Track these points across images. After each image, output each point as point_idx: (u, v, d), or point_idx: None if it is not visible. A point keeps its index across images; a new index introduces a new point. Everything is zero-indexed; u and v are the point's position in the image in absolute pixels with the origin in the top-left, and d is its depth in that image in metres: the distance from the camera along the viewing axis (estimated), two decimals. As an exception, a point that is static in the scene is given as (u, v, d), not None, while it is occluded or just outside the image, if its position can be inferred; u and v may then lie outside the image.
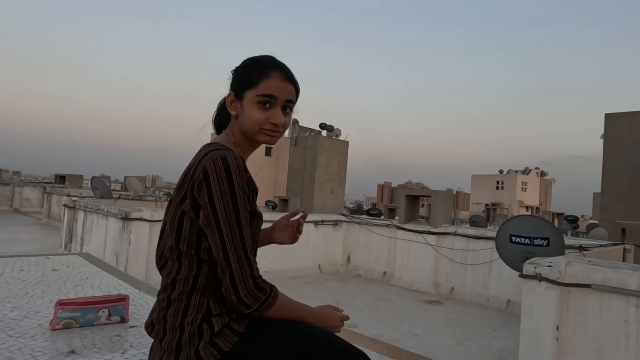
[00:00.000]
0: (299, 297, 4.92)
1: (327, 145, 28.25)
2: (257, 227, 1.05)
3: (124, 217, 5.48)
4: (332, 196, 28.49)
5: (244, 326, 1.00)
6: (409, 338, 4.44)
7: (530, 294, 3.11)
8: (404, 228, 7.33)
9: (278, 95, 1.08)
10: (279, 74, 1.09)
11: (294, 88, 1.11)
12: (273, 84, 1.07)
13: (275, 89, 1.07)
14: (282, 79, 1.09)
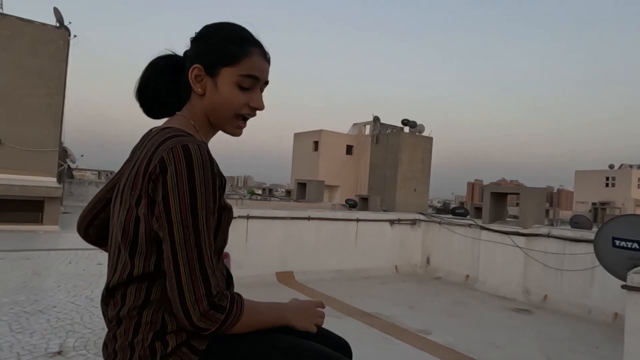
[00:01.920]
0: (372, 299, 4.74)
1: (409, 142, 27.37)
2: (227, 222, 0.91)
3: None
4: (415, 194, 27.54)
5: (205, 343, 0.85)
6: (489, 350, 4.01)
7: (637, 309, 2.58)
8: (489, 228, 6.73)
9: (260, 77, 0.93)
10: (260, 51, 0.93)
11: (268, 67, 0.96)
12: (257, 63, 0.92)
13: (258, 69, 0.92)
14: (262, 56, 0.94)
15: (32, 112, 12.61)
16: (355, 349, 3.45)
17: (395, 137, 24.77)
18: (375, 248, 7.36)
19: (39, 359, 0.84)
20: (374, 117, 27.06)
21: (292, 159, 28.71)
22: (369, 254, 7.25)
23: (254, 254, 6.07)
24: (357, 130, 28.23)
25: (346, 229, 7.04)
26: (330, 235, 6.86)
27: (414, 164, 24.72)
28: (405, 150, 24.36)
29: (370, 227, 7.33)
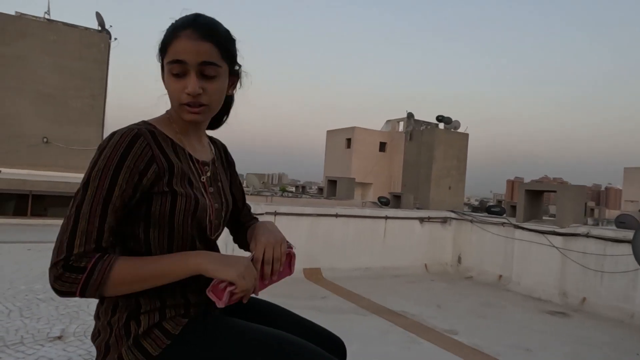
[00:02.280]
0: (399, 297, 4.71)
1: (444, 138, 26.82)
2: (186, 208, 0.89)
3: (230, 210, 5.86)
4: (450, 192, 26.98)
5: (180, 328, 0.87)
6: (518, 353, 3.86)
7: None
8: (523, 227, 6.48)
9: (188, 59, 0.88)
10: (190, 32, 0.88)
11: (212, 45, 0.89)
12: (181, 46, 0.88)
13: (183, 52, 0.87)
14: (193, 38, 0.88)
15: (76, 113, 13.28)
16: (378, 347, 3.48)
17: (430, 133, 24.28)
18: (405, 246, 7.26)
19: (40, 342, 0.89)
20: (408, 114, 26.66)
21: (325, 156, 28.76)
22: (398, 252, 7.16)
23: (281, 250, 6.13)
24: (390, 127, 27.91)
25: (374, 226, 6.98)
26: (358, 233, 6.83)
27: (448, 161, 24.16)
28: (439, 147, 23.85)
29: (399, 225, 7.23)
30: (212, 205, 0.97)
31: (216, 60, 0.91)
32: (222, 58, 0.92)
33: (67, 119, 13.13)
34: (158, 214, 0.87)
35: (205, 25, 0.90)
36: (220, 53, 0.92)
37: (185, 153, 0.95)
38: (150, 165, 0.86)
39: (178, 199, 0.89)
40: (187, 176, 0.91)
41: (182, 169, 0.91)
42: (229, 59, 0.95)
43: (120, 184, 0.82)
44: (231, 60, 0.96)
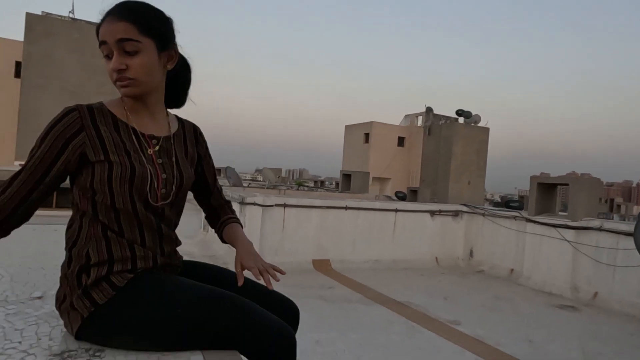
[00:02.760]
0: (407, 289, 4.83)
1: (463, 133, 26.47)
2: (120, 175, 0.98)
3: (241, 201, 6.00)
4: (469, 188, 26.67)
5: (125, 281, 0.96)
6: (521, 344, 3.86)
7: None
8: (535, 221, 6.40)
9: (108, 39, 0.96)
10: (110, 17, 0.97)
11: (128, 23, 0.96)
12: (103, 29, 0.97)
13: (103, 35, 0.97)
14: (111, 21, 0.97)
15: (99, 109, 13.71)
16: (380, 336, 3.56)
17: (449, 128, 23.89)
18: (415, 239, 7.27)
19: (22, 301, 0.99)
20: (427, 108, 26.37)
21: (343, 151, 28.75)
22: (408, 245, 7.18)
23: (290, 241, 6.24)
24: (409, 122, 27.67)
25: (384, 219, 7.01)
26: (368, 225, 6.87)
27: (468, 156, 23.74)
28: (458, 141, 23.44)
29: (409, 218, 7.24)
30: (159, 174, 1.05)
31: (133, 36, 0.97)
32: (141, 33, 0.98)
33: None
34: (99, 180, 0.97)
35: (124, 8, 0.99)
36: (138, 29, 0.98)
37: (128, 128, 1.04)
38: (79, 133, 0.97)
39: (114, 166, 0.98)
40: (123, 146, 1.00)
41: (116, 140, 1.00)
42: (153, 35, 1.00)
43: (47, 144, 0.97)
44: (157, 36, 1.01)
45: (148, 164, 1.03)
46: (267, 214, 6.03)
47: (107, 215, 0.99)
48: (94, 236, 0.98)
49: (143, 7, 1.01)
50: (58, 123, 0.96)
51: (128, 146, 1.02)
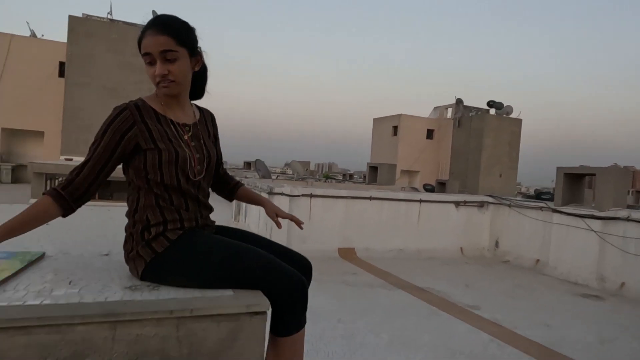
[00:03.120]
0: (429, 276, 5.14)
1: (494, 124, 25.94)
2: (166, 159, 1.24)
3: (269, 191, 6.30)
4: (501, 180, 26.16)
5: (177, 236, 1.22)
6: (537, 328, 3.97)
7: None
8: (561, 211, 6.39)
9: (152, 51, 1.20)
10: (151, 31, 1.20)
11: (168, 36, 1.20)
12: (146, 42, 1.20)
13: (148, 46, 1.20)
14: (153, 35, 1.20)
15: (136, 105, 14.40)
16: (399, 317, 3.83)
17: (479, 119, 23.54)
18: (439, 229, 7.37)
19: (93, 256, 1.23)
20: (457, 100, 25.97)
21: (371, 144, 28.76)
22: (433, 235, 7.30)
23: (316, 230, 6.50)
24: (438, 114, 27.34)
25: (409, 209, 7.15)
26: (393, 215, 7.04)
27: (499, 148, 23.33)
28: (489, 133, 23.07)
29: (434, 209, 7.35)
30: (194, 155, 1.30)
31: (172, 47, 1.21)
32: (178, 44, 1.23)
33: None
34: (151, 163, 1.23)
35: (162, 23, 1.22)
36: (176, 41, 1.22)
37: (167, 119, 1.29)
38: (132, 128, 1.22)
39: (162, 152, 1.24)
40: (166, 135, 1.26)
41: (160, 130, 1.25)
42: (186, 45, 1.25)
43: (107, 137, 1.21)
44: (188, 45, 1.26)
45: (186, 147, 1.29)
46: (294, 204, 6.31)
47: (158, 189, 1.25)
48: (150, 205, 1.25)
49: (177, 21, 1.26)
50: (115, 120, 1.22)
51: (170, 135, 1.27)
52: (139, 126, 1.23)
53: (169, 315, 0.98)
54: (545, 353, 3.40)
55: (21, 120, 15.98)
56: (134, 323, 0.95)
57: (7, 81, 15.74)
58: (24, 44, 16.06)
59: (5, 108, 15.72)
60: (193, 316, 0.99)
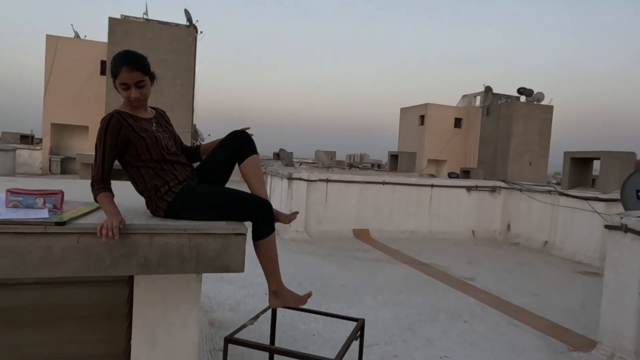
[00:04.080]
0: (436, 255, 6.33)
1: (524, 112, 25.58)
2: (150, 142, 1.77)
3: (289, 176, 6.88)
4: (531, 168, 25.80)
5: (179, 188, 1.79)
6: (525, 296, 4.37)
7: (615, 246, 2.89)
8: (568, 194, 6.64)
9: (129, 82, 1.74)
10: (126, 68, 1.72)
11: (139, 72, 1.73)
12: (124, 76, 1.72)
13: (125, 79, 1.72)
14: (128, 71, 1.72)
15: (170, 100, 15.29)
16: (397, 284, 4.51)
17: (508, 107, 23.22)
18: (451, 213, 7.75)
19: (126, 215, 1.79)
20: (485, 88, 25.69)
21: (399, 134, 28.89)
22: (444, 218, 7.68)
23: (333, 212, 7.04)
24: (466, 102, 27.11)
25: (420, 193, 7.57)
26: (405, 199, 7.48)
27: (529, 136, 22.97)
28: (519, 121, 22.76)
29: (445, 193, 7.73)
30: (164, 135, 1.86)
31: (142, 78, 1.74)
32: (145, 75, 1.75)
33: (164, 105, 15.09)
34: (141, 148, 1.78)
35: (133, 62, 1.72)
36: (143, 73, 1.74)
37: (139, 117, 1.85)
38: (121, 127, 1.77)
39: (147, 139, 1.78)
40: (143, 127, 1.81)
41: (138, 125, 1.81)
42: (148, 74, 1.77)
43: (106, 139, 1.75)
44: (149, 73, 1.78)
45: (158, 133, 1.85)
46: (311, 188, 6.87)
47: (152, 163, 1.81)
48: (152, 175, 1.81)
49: (141, 58, 1.82)
50: (109, 126, 1.76)
51: (145, 126, 1.84)
52: (125, 125, 1.79)
53: (184, 232, 1.54)
54: (523, 313, 3.83)
55: (68, 116, 17.27)
56: (163, 235, 1.51)
57: (55, 80, 17.03)
58: (69, 45, 17.29)
59: (54, 105, 17.04)
60: (199, 233, 1.55)
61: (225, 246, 1.60)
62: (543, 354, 3.00)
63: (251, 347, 1.88)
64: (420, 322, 3.44)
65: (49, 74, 16.93)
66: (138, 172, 1.84)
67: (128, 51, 1.80)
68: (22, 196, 1.60)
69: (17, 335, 1.83)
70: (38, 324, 1.86)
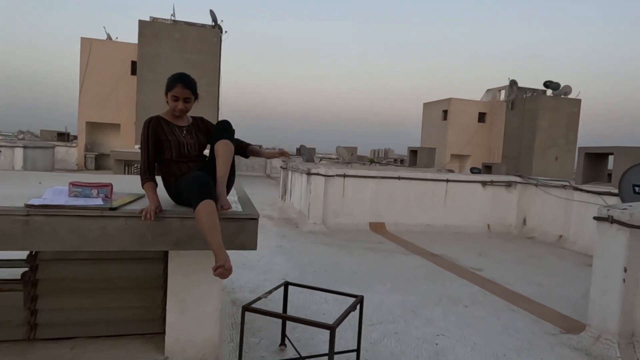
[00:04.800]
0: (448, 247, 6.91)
1: (550, 106, 25.13)
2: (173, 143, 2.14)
3: (307, 172, 7.24)
4: (557, 163, 25.29)
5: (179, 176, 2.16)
6: (529, 285, 4.58)
7: (603, 236, 3.10)
8: (581, 189, 6.75)
9: (180, 96, 2.14)
10: (180, 84, 2.14)
11: (189, 90, 2.15)
12: (177, 90, 2.13)
13: (177, 93, 2.14)
14: (182, 88, 2.14)
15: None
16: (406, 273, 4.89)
17: (533, 101, 22.93)
18: (466, 207, 7.93)
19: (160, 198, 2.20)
20: (510, 81, 25.35)
21: (421, 129, 28.83)
22: (459, 212, 7.88)
23: (349, 206, 7.36)
24: (490, 97, 26.80)
25: (435, 188, 7.79)
26: (420, 193, 7.72)
27: (555, 130, 22.66)
28: (544, 115, 22.48)
29: (460, 188, 7.92)
30: (189, 142, 2.22)
31: (190, 96, 2.18)
32: (192, 94, 2.20)
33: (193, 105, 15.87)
34: (167, 148, 2.15)
35: (186, 81, 2.17)
36: (192, 93, 2.19)
37: (173, 124, 2.21)
38: (157, 128, 2.15)
39: (172, 141, 2.16)
40: (173, 132, 2.18)
41: (170, 130, 2.18)
42: (195, 93, 2.22)
43: (148, 138, 2.13)
44: (195, 93, 2.23)
45: (183, 139, 2.21)
46: (329, 183, 7.21)
47: (171, 161, 2.19)
48: (169, 169, 2.20)
49: (193, 81, 2.23)
50: (149, 126, 2.17)
51: (175, 132, 2.21)
52: (159, 128, 2.19)
53: (208, 218, 1.94)
54: (523, 300, 4.07)
55: (101, 114, 18.17)
56: (191, 219, 1.90)
57: (89, 80, 17.93)
58: (102, 47, 18.16)
59: (88, 104, 17.96)
60: (220, 218, 1.92)
61: (241, 228, 1.96)
62: (535, 335, 3.25)
63: (264, 314, 2.24)
64: (423, 306, 3.74)
65: (84, 74, 17.82)
66: (163, 165, 2.25)
67: (184, 74, 2.25)
68: (81, 188, 2.00)
69: (76, 300, 2.25)
70: (93, 292, 2.28)
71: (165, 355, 2.18)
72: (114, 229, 1.85)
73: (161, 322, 2.27)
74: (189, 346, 2.22)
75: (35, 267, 2.19)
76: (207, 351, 2.24)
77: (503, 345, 3.05)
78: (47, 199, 1.89)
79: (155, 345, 2.25)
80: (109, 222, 1.85)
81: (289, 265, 4.77)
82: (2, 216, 1.76)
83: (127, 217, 1.87)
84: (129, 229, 1.87)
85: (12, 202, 1.87)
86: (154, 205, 1.92)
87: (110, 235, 1.84)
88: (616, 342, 2.92)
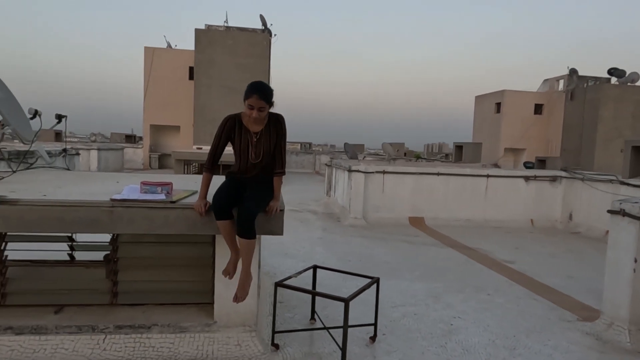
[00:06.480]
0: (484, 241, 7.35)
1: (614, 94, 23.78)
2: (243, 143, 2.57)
3: (349, 169, 7.65)
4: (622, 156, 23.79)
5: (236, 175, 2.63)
6: (558, 278, 4.69)
7: (615, 228, 3.25)
8: (628, 183, 6.60)
9: (255, 105, 2.46)
10: (256, 94, 2.45)
11: (264, 100, 2.45)
12: (252, 100, 2.46)
13: (253, 102, 2.46)
14: (257, 98, 2.44)
15: (249, 100, 16.82)
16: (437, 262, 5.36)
17: (595, 90, 21.66)
18: (508, 202, 7.96)
19: None
20: (570, 70, 24.12)
21: (474, 122, 28.11)
22: (501, 207, 7.93)
23: (389, 201, 7.68)
24: (548, 87, 25.59)
25: (475, 183, 7.89)
26: (460, 189, 7.86)
27: (620, 120, 21.27)
28: (607, 104, 21.17)
29: (502, 183, 7.96)
30: (255, 147, 2.66)
31: (264, 105, 2.44)
32: (267, 104, 2.46)
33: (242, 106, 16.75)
34: (235, 148, 2.63)
35: (262, 91, 2.43)
36: (267, 102, 2.46)
37: (247, 128, 2.65)
38: (232, 128, 2.58)
39: (241, 142, 2.60)
40: (243, 135, 2.64)
41: (241, 132, 2.62)
42: (269, 102, 2.47)
43: (222, 134, 2.57)
44: (270, 102, 2.48)
45: (250, 143, 2.66)
46: (369, 179, 7.57)
47: (236, 160, 2.67)
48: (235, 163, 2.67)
49: (268, 89, 2.56)
50: (227, 123, 2.60)
51: (245, 136, 2.65)
52: (233, 129, 2.62)
53: (245, 209, 2.44)
54: (546, 290, 4.23)
55: (163, 117, 19.64)
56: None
57: (152, 85, 19.46)
58: (163, 54, 19.59)
59: (152, 108, 19.49)
60: (254, 210, 2.42)
61: (272, 219, 2.45)
62: (549, 321, 3.47)
63: (292, 289, 2.71)
64: (446, 292, 4.04)
65: (147, 80, 19.34)
66: None
67: (261, 84, 2.51)
68: (149, 186, 2.57)
69: (146, 274, 2.86)
70: (158, 268, 2.87)
71: (214, 319, 2.71)
72: (173, 217, 2.39)
73: (211, 294, 2.80)
74: (233, 314, 2.73)
75: (116, 248, 2.81)
76: (247, 318, 2.74)
77: (515, 327, 3.30)
78: (125, 195, 2.47)
79: (207, 313, 2.79)
80: (170, 212, 2.39)
81: (327, 254, 5.22)
82: (94, 207, 2.36)
83: (183, 208, 2.41)
84: (185, 218, 2.40)
85: (100, 197, 2.47)
86: (202, 203, 2.42)
87: (171, 222, 2.39)
88: (627, 329, 3.09)
